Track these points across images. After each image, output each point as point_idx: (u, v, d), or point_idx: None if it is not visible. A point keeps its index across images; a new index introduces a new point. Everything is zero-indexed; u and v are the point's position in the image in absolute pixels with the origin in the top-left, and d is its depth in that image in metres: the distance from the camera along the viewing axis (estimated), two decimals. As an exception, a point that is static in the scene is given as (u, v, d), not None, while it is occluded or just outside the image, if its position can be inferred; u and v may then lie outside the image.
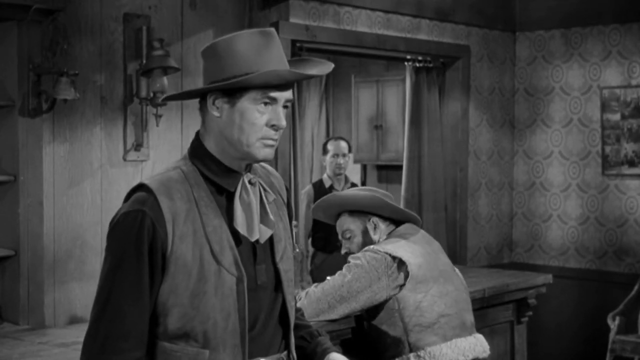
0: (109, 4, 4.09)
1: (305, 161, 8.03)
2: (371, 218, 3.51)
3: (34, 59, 3.81)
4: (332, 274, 4.08)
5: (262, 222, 2.16)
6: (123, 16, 4.13)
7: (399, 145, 7.22)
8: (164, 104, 4.13)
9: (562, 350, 6.45)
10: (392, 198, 3.55)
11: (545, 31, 6.50)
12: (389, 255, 3.32)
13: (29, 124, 3.84)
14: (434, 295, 3.33)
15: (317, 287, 3.44)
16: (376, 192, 3.54)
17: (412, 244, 3.40)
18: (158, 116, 4.18)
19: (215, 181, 2.14)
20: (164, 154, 4.30)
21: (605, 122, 6.21)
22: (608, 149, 6.21)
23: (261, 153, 2.11)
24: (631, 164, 6.12)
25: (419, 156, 6.08)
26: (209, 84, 2.11)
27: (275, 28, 4.73)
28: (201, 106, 2.17)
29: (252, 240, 2.14)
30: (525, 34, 6.60)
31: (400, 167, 6.36)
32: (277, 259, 2.21)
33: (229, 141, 2.12)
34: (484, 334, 3.56)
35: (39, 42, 3.83)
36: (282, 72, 2.08)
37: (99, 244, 4.00)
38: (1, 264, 3.90)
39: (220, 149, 2.14)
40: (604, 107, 6.21)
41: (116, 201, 3.86)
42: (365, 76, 7.87)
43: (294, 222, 3.91)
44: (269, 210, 2.18)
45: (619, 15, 6.14)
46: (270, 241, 2.21)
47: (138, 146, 4.20)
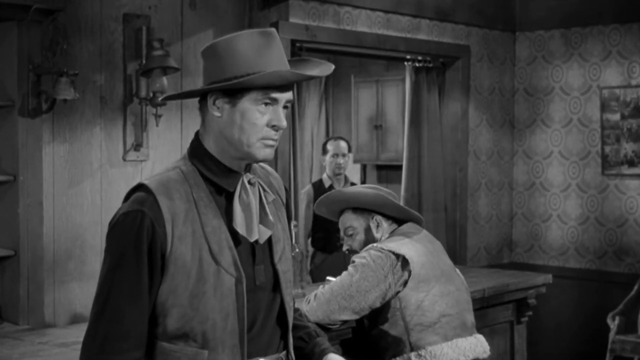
0: (109, 4, 4.09)
1: (305, 161, 8.03)
2: (374, 216, 3.50)
3: (34, 59, 3.81)
4: (332, 273, 4.08)
5: (261, 222, 2.16)
6: (123, 16, 4.13)
7: (399, 145, 7.22)
8: (163, 104, 4.13)
9: (562, 350, 6.45)
10: (395, 197, 3.55)
11: (545, 31, 6.51)
12: (393, 253, 3.32)
13: (28, 124, 3.84)
14: (435, 295, 3.33)
15: (324, 288, 3.41)
16: (380, 190, 3.53)
17: (415, 242, 3.39)
18: (158, 116, 4.18)
19: (215, 181, 2.14)
20: (163, 154, 4.30)
21: (605, 122, 6.21)
22: (608, 149, 6.21)
23: (261, 153, 2.11)
24: (631, 164, 6.12)
25: (419, 156, 6.08)
26: (209, 84, 2.11)
27: (275, 28, 4.71)
28: (201, 106, 2.16)
29: (251, 240, 2.14)
30: (525, 34, 6.60)
31: (400, 167, 6.36)
32: (276, 259, 2.22)
33: (229, 141, 2.11)
34: (483, 334, 3.56)
35: (39, 42, 3.83)
36: (284, 73, 2.08)
37: (98, 244, 4.00)
38: (1, 264, 3.90)
39: (220, 149, 2.14)
40: (604, 107, 6.21)
41: (116, 201, 3.86)
42: (365, 76, 7.87)
43: (293, 222, 3.91)
44: (268, 211, 2.18)
45: (619, 15, 6.14)
46: (269, 242, 2.21)
47: (138, 146, 4.20)
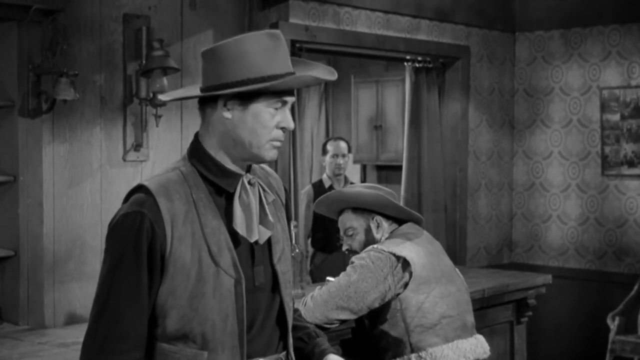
0: (108, 4, 4.09)
1: (304, 161, 8.04)
2: (375, 216, 3.50)
3: (34, 59, 3.82)
4: (331, 274, 4.08)
5: (261, 223, 2.16)
6: (123, 16, 4.13)
7: (399, 146, 7.23)
8: (163, 104, 4.13)
9: (561, 350, 6.45)
10: (395, 196, 3.54)
11: (544, 31, 6.51)
12: (393, 255, 3.31)
13: (28, 124, 3.84)
14: (436, 296, 3.32)
15: (322, 289, 3.40)
16: (380, 189, 3.53)
17: (415, 244, 3.39)
18: (158, 116, 4.18)
19: (215, 182, 2.14)
20: (163, 154, 4.30)
21: (604, 122, 6.21)
22: (608, 149, 6.21)
23: (269, 154, 2.14)
24: (631, 164, 6.12)
25: (419, 156, 6.09)
26: (218, 86, 2.10)
27: (274, 28, 4.74)
28: (204, 107, 2.16)
29: (251, 241, 2.14)
30: (525, 34, 6.60)
31: (399, 168, 6.36)
32: (275, 260, 2.22)
33: (237, 142, 2.12)
34: (483, 334, 3.56)
35: (38, 42, 3.84)
36: (305, 78, 2.13)
37: (98, 244, 4.00)
38: (1, 264, 3.90)
39: (224, 150, 2.14)
40: (604, 107, 6.21)
41: (116, 201, 3.86)
42: (365, 76, 7.88)
43: (293, 223, 3.91)
44: (268, 211, 2.18)
45: (618, 15, 6.14)
46: (269, 242, 2.21)
47: (138, 146, 4.20)
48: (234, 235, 2.12)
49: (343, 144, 6.12)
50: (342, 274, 3.39)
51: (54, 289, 3.91)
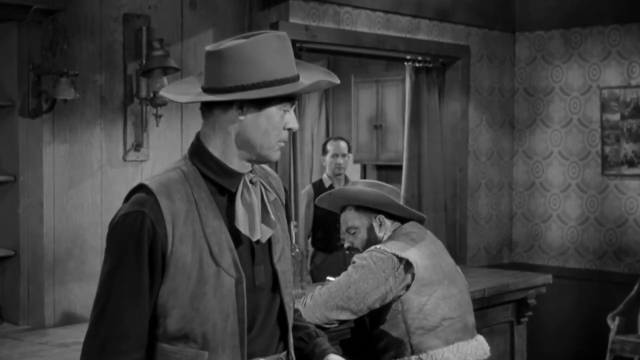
0: (108, 4, 4.09)
1: (305, 161, 8.04)
2: (377, 215, 3.48)
3: (34, 59, 3.82)
4: (332, 274, 4.08)
5: (263, 221, 2.16)
6: (123, 16, 4.13)
7: (399, 145, 7.22)
8: (164, 103, 4.13)
9: (562, 350, 6.45)
10: (398, 193, 3.53)
11: (545, 31, 6.51)
12: (396, 256, 3.30)
13: (29, 124, 3.84)
14: (437, 298, 3.32)
15: (322, 289, 3.40)
16: (383, 187, 3.51)
17: (418, 244, 3.37)
18: (158, 116, 4.18)
19: (217, 181, 2.14)
20: (163, 154, 4.30)
21: (604, 122, 6.21)
22: (608, 149, 6.21)
23: (276, 155, 2.18)
24: (631, 164, 6.12)
25: (419, 156, 6.09)
26: (232, 88, 2.08)
27: (275, 28, 4.74)
28: (210, 107, 2.14)
29: (253, 239, 2.14)
30: (525, 34, 6.60)
31: (400, 167, 6.36)
32: (275, 260, 2.22)
33: (246, 143, 2.12)
34: (483, 334, 3.56)
35: (39, 42, 3.84)
36: (322, 82, 2.17)
37: (98, 244, 4.00)
38: (1, 264, 3.90)
39: (230, 150, 2.13)
40: (604, 107, 6.21)
41: (116, 201, 3.86)
42: (365, 76, 7.87)
43: (293, 222, 3.91)
44: (269, 210, 2.18)
45: (618, 15, 6.14)
46: (269, 242, 2.21)
47: (138, 146, 4.20)
48: (234, 234, 2.12)
49: (343, 144, 6.12)
50: (343, 273, 3.38)
51: (54, 288, 3.91)
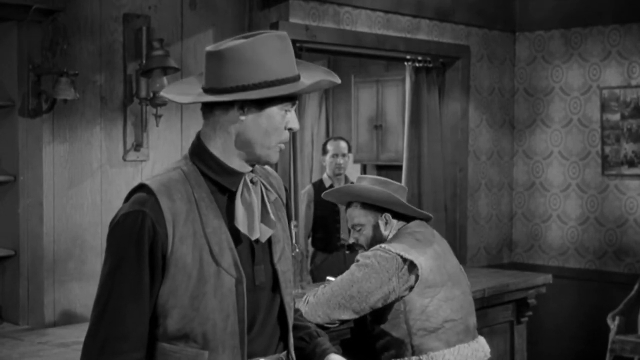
0: (108, 4, 4.09)
1: (305, 161, 8.03)
2: (384, 213, 3.47)
3: (34, 59, 3.82)
4: (332, 273, 4.08)
5: (262, 221, 2.16)
6: (123, 16, 4.13)
7: (399, 145, 7.22)
8: (163, 103, 4.13)
9: (562, 350, 6.45)
10: (406, 191, 3.53)
11: (545, 31, 6.51)
12: (400, 256, 3.29)
13: (29, 124, 3.84)
14: (440, 300, 3.31)
15: (325, 288, 3.39)
16: (391, 185, 3.50)
17: (423, 245, 3.37)
18: (158, 116, 4.18)
19: (218, 181, 2.14)
20: (163, 154, 4.30)
21: (605, 122, 6.21)
22: (608, 149, 6.21)
23: (276, 156, 2.18)
24: (631, 164, 6.12)
25: (419, 156, 6.09)
26: (234, 88, 2.08)
27: (275, 28, 4.74)
28: (212, 108, 2.14)
29: (252, 239, 2.14)
30: (525, 34, 6.60)
31: (400, 167, 6.36)
32: (275, 259, 2.21)
33: (247, 144, 2.12)
34: (483, 334, 3.56)
35: (39, 42, 3.84)
36: (323, 82, 2.16)
37: (98, 244, 4.01)
38: (1, 264, 3.90)
39: (230, 150, 2.13)
40: (604, 107, 6.21)
41: (116, 201, 3.87)
42: (365, 76, 7.87)
43: (293, 222, 3.91)
44: (270, 210, 2.18)
45: (618, 15, 6.14)
46: (269, 242, 2.21)
47: (138, 146, 4.20)
48: (234, 234, 2.12)
49: (343, 144, 6.12)
50: (347, 272, 3.37)
51: (54, 288, 3.91)
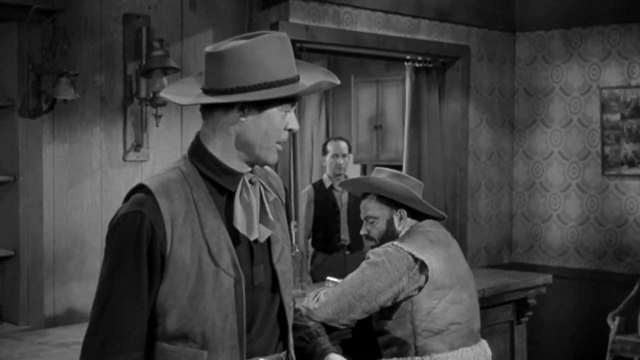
0: (108, 4, 4.09)
1: (305, 161, 8.03)
2: (399, 209, 3.45)
3: (34, 59, 3.82)
4: (332, 274, 4.08)
5: (261, 221, 2.16)
6: (123, 16, 4.13)
7: (399, 146, 7.22)
8: (163, 104, 4.13)
9: (562, 350, 6.45)
10: (422, 187, 3.51)
11: (545, 31, 6.51)
12: (412, 256, 3.29)
13: (29, 124, 3.84)
14: (447, 303, 3.31)
15: (335, 286, 3.38)
16: (410, 180, 3.48)
17: (435, 246, 3.36)
18: (158, 116, 4.18)
19: (216, 181, 2.14)
20: (163, 154, 4.30)
21: (605, 122, 6.21)
22: (608, 149, 6.21)
23: (275, 156, 2.17)
24: (631, 164, 6.12)
25: (419, 156, 6.09)
26: (234, 89, 2.08)
27: (275, 28, 4.74)
28: (210, 108, 2.14)
29: (251, 239, 2.14)
30: (525, 34, 6.60)
31: (400, 167, 6.35)
32: (275, 259, 2.22)
33: (246, 144, 2.12)
34: (483, 334, 3.56)
35: (39, 42, 3.84)
36: (324, 83, 2.16)
37: (98, 244, 4.01)
38: (1, 264, 3.90)
39: (230, 151, 2.13)
40: (604, 107, 6.21)
41: (116, 201, 3.87)
42: (365, 76, 7.87)
43: (293, 223, 3.91)
44: (268, 210, 2.18)
45: (618, 15, 6.14)
46: (268, 242, 2.21)
47: (138, 146, 4.20)
48: (233, 234, 2.12)
49: (343, 144, 6.12)
50: (357, 270, 3.36)
51: (54, 288, 3.91)
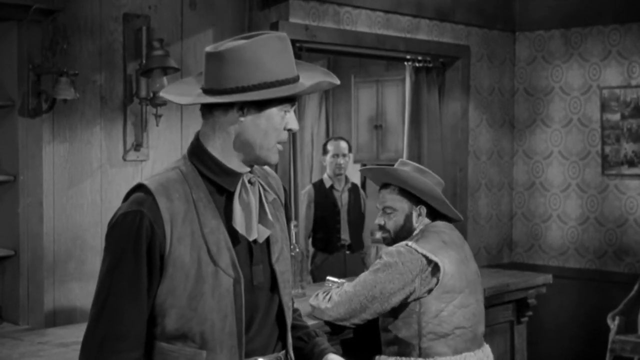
0: (108, 4, 4.09)
1: (305, 161, 8.04)
2: (420, 206, 3.43)
3: (34, 59, 3.82)
4: (332, 274, 4.08)
5: (260, 222, 2.16)
6: (123, 16, 4.14)
7: (399, 145, 7.22)
8: (163, 103, 4.13)
9: (562, 350, 6.45)
10: (443, 185, 3.48)
11: (545, 31, 6.51)
12: (426, 258, 3.28)
13: (29, 124, 3.84)
14: (455, 306, 3.31)
15: (347, 286, 3.39)
16: (434, 178, 3.46)
17: (449, 248, 3.35)
18: (158, 116, 4.18)
19: (216, 181, 2.14)
20: (163, 154, 4.31)
21: (605, 122, 6.21)
22: (608, 149, 6.21)
23: (275, 157, 2.17)
24: (631, 164, 6.12)
25: (419, 156, 6.09)
26: (234, 89, 2.08)
27: (275, 28, 4.74)
28: (211, 109, 2.14)
29: (250, 239, 2.14)
30: (525, 34, 6.60)
31: (400, 167, 6.35)
32: (273, 260, 2.22)
33: (246, 144, 2.12)
34: (484, 334, 3.56)
35: (39, 42, 3.84)
36: (323, 83, 2.15)
37: (98, 244, 4.00)
38: (1, 264, 3.90)
39: (229, 151, 2.13)
40: (604, 107, 6.21)
41: (116, 201, 3.86)
42: (365, 76, 7.87)
43: (293, 222, 3.91)
44: (267, 210, 2.18)
45: (618, 15, 6.14)
46: (267, 242, 2.21)
47: (138, 146, 4.20)
48: (233, 234, 2.12)
49: (343, 144, 6.11)
50: (370, 271, 3.36)
51: (54, 288, 3.91)
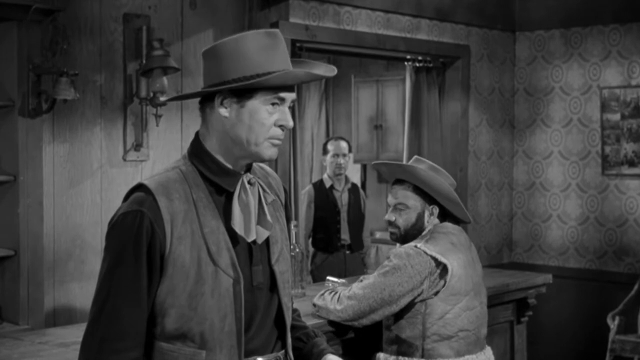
0: (109, 4, 4.09)
1: (305, 161, 8.03)
2: (433, 206, 3.42)
3: (34, 59, 3.82)
4: (332, 274, 4.08)
5: (259, 223, 2.16)
6: (123, 16, 4.14)
7: (399, 145, 7.22)
8: (163, 103, 4.13)
9: (562, 350, 6.45)
10: (455, 186, 3.47)
11: (545, 31, 6.51)
12: (435, 260, 3.28)
13: (29, 124, 3.84)
14: (460, 309, 3.31)
15: (357, 287, 3.38)
16: (448, 179, 3.45)
17: (457, 250, 3.34)
18: (158, 116, 4.18)
19: (215, 181, 2.14)
20: (163, 154, 4.31)
21: (605, 122, 6.21)
22: (608, 149, 6.21)
23: (268, 153, 2.13)
24: (631, 164, 6.12)
25: (419, 156, 6.08)
26: (216, 84, 2.10)
27: (275, 28, 4.74)
28: (203, 106, 2.16)
29: (248, 240, 2.14)
30: (525, 33, 6.60)
31: (400, 167, 6.35)
32: (273, 260, 2.22)
33: (235, 141, 2.12)
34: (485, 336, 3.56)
35: (39, 42, 3.84)
36: (298, 73, 2.11)
37: (98, 244, 4.01)
38: (1, 264, 3.90)
39: (224, 149, 2.14)
40: (604, 107, 6.21)
41: (116, 201, 3.87)
42: (365, 76, 7.87)
43: (293, 222, 3.91)
44: (266, 211, 2.18)
45: (618, 15, 6.14)
46: (267, 242, 2.21)
47: (138, 146, 4.20)
48: (232, 235, 2.12)
49: (344, 144, 6.11)
50: (379, 273, 3.35)
51: (54, 288, 3.91)
